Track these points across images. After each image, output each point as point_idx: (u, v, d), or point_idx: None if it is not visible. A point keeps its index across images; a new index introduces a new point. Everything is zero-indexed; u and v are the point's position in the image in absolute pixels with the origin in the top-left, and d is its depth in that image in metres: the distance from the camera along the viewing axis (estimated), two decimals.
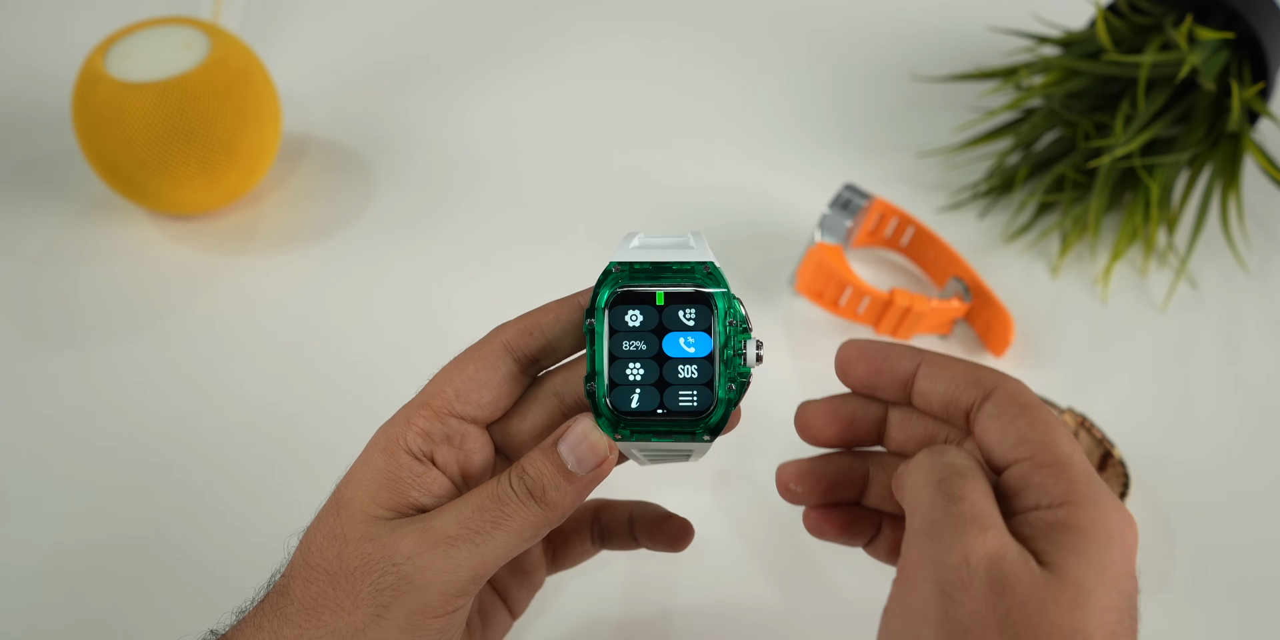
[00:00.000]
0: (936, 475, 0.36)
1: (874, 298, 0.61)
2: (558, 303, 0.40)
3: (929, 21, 0.83)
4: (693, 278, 0.38)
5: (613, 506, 0.47)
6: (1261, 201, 0.71)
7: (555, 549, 0.47)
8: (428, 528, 0.37)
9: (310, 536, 0.39)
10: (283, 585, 0.39)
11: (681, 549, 0.46)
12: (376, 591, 0.37)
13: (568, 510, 0.38)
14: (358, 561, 0.37)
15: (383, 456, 0.39)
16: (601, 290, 0.38)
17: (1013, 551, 0.34)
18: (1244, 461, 0.59)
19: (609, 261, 0.38)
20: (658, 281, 0.38)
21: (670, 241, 0.39)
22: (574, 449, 0.38)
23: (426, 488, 0.39)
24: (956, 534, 0.34)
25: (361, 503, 0.38)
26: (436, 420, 0.39)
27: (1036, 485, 0.36)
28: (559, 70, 0.79)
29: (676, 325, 0.38)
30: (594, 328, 0.38)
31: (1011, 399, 0.38)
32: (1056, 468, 0.36)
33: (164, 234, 0.68)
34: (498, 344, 0.40)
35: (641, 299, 0.38)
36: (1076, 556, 0.34)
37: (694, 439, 0.38)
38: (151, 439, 0.59)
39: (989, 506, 0.35)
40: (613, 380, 0.38)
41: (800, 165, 0.73)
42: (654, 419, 0.38)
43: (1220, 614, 0.53)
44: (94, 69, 0.62)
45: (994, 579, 0.34)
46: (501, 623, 0.45)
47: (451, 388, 0.39)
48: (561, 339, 0.40)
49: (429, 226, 0.69)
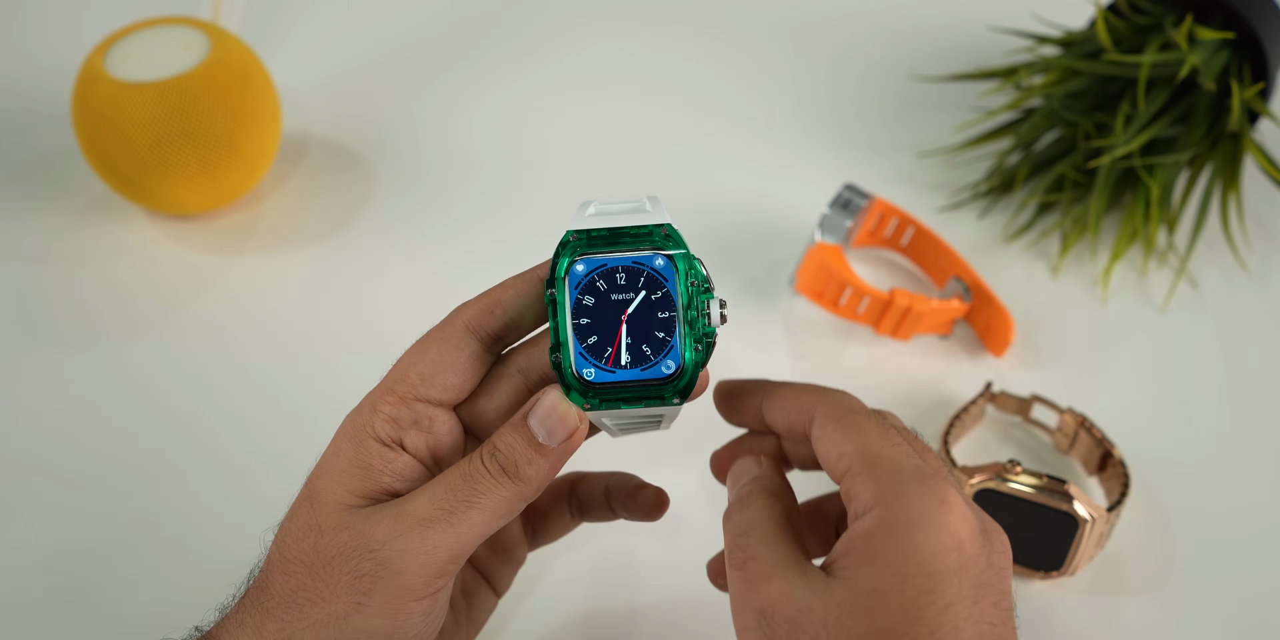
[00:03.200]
0: (728, 544, 0.38)
1: (874, 298, 0.61)
2: (516, 278, 0.40)
3: (929, 21, 0.83)
4: (651, 240, 0.38)
5: (589, 479, 0.47)
6: (1261, 201, 0.71)
7: (534, 524, 0.47)
8: (402, 511, 0.37)
9: (285, 529, 0.39)
10: (262, 580, 0.39)
11: (657, 518, 0.46)
12: (355, 579, 0.37)
13: (542, 484, 0.38)
14: (334, 551, 0.37)
15: (351, 445, 0.39)
16: (560, 259, 0.38)
17: (798, 588, 0.35)
18: (1244, 462, 0.59)
19: (565, 230, 0.38)
20: (616, 247, 0.38)
21: (626, 207, 0.39)
22: (544, 421, 0.38)
23: (398, 473, 0.39)
24: (748, 600, 0.36)
25: (334, 492, 0.38)
26: (403, 405, 0.39)
27: (855, 496, 0.37)
28: (559, 70, 0.79)
29: (635, 289, 0.38)
30: (555, 298, 0.38)
31: (828, 417, 0.39)
32: (865, 473, 0.36)
33: (164, 234, 0.68)
34: (459, 325, 0.40)
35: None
36: (869, 564, 0.35)
37: (664, 403, 0.38)
38: (151, 439, 0.59)
39: (772, 555, 0.37)
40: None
41: (800, 165, 0.73)
42: (621, 385, 0.38)
43: (1220, 614, 0.53)
44: (94, 69, 0.62)
45: (790, 619, 0.35)
46: (486, 602, 0.45)
47: (415, 372, 0.39)
48: (523, 315, 0.40)
49: (429, 226, 0.69)
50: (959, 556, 0.35)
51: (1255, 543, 0.56)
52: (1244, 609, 0.53)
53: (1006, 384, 0.61)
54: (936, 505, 0.35)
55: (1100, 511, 0.50)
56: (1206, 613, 0.53)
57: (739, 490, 0.40)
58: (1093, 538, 0.51)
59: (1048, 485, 0.50)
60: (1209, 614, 0.53)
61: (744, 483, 0.41)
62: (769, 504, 0.39)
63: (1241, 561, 0.55)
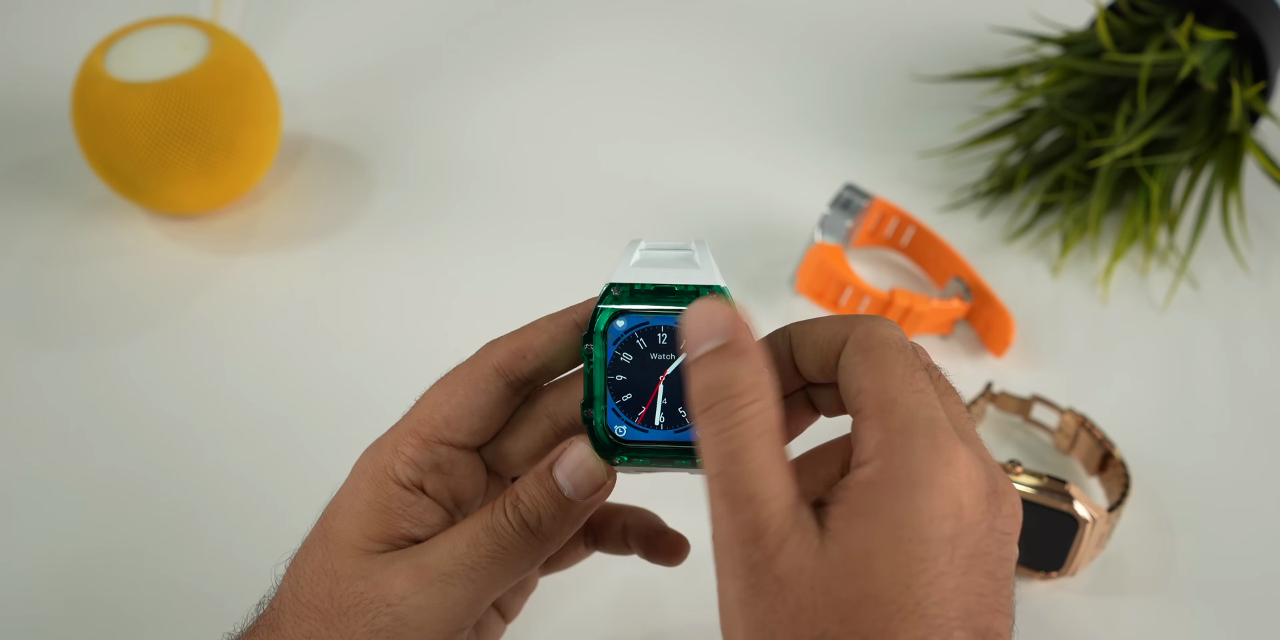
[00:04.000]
0: (714, 467, 0.33)
1: (874, 298, 0.60)
2: (550, 320, 0.39)
3: (929, 21, 0.82)
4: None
5: (606, 511, 0.46)
6: (1262, 201, 0.71)
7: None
8: (421, 564, 0.36)
9: (299, 569, 0.38)
10: (272, 620, 0.38)
11: (676, 564, 0.44)
12: (371, 633, 0.36)
13: (564, 538, 0.37)
14: (350, 601, 0.36)
15: (370, 486, 0.38)
16: (600, 313, 0.37)
17: (793, 543, 0.32)
18: (1245, 462, 0.59)
19: (607, 282, 0.37)
20: (660, 302, 0.37)
21: (674, 256, 0.38)
22: (570, 475, 0.37)
23: (417, 518, 0.38)
24: (742, 545, 0.32)
25: (350, 536, 0.37)
26: (425, 448, 0.38)
27: (861, 440, 0.33)
28: (559, 71, 0.79)
29: (677, 350, 0.37)
30: (592, 352, 0.37)
31: (857, 344, 0.35)
32: (876, 417, 0.33)
33: (163, 234, 0.68)
34: (489, 367, 0.38)
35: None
36: (864, 519, 0.32)
37: (693, 466, 0.37)
38: (150, 438, 0.58)
39: (773, 497, 0.32)
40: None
41: (800, 165, 0.73)
42: (653, 445, 0.37)
43: (1220, 614, 0.53)
44: (93, 69, 0.62)
45: (778, 577, 0.32)
46: (495, 629, 0.45)
47: (440, 414, 0.38)
48: (556, 360, 0.38)
49: (428, 226, 0.69)
50: (955, 524, 0.32)
51: (1256, 543, 0.55)
52: (1244, 609, 0.53)
53: (1007, 384, 0.61)
54: (942, 466, 0.32)
55: (1101, 512, 0.50)
56: (1207, 613, 0.53)
57: (732, 388, 0.33)
58: (1093, 538, 0.51)
59: (1048, 486, 0.50)
60: (1209, 614, 0.53)
61: (742, 383, 0.33)
62: (770, 418, 0.33)
63: (1242, 562, 0.55)
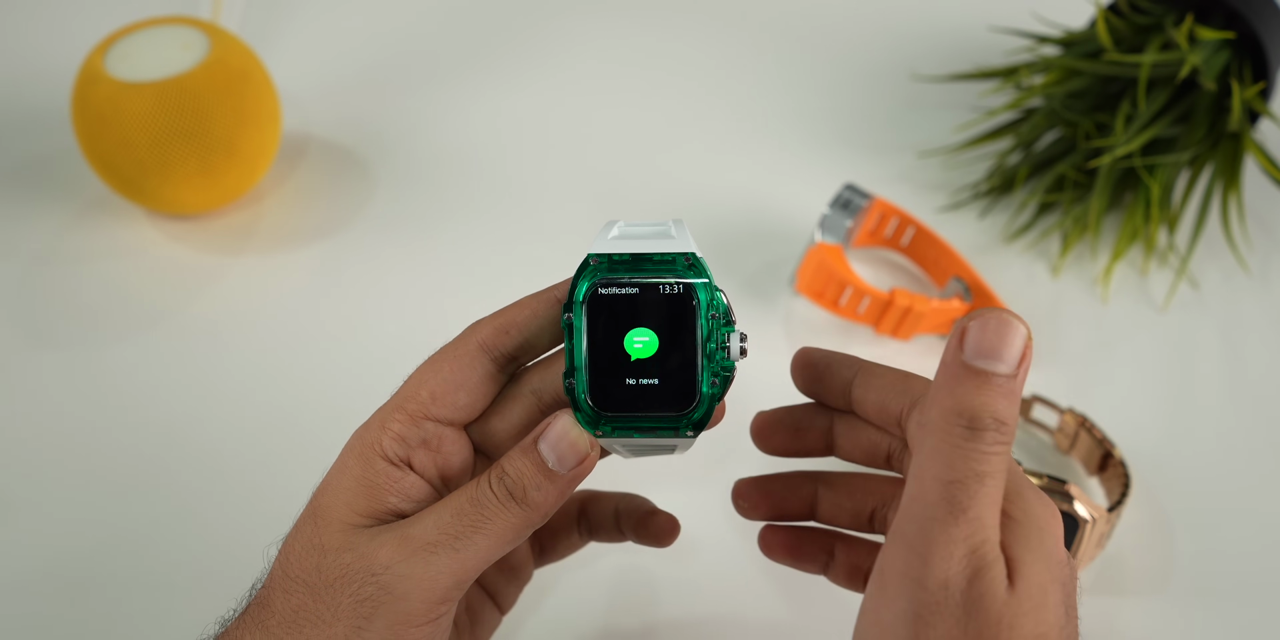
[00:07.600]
0: (950, 474, 0.33)
1: (874, 298, 0.60)
2: (533, 298, 0.39)
3: (929, 21, 0.82)
4: (674, 269, 0.37)
5: (599, 499, 0.46)
6: (1262, 201, 0.71)
7: (543, 542, 0.46)
8: (406, 535, 0.37)
9: (289, 546, 0.38)
10: (263, 596, 0.38)
11: (667, 545, 0.45)
12: (357, 603, 0.36)
13: (550, 510, 0.38)
14: (337, 572, 0.37)
15: (359, 463, 0.38)
16: (580, 283, 0.37)
17: (994, 569, 0.33)
18: (1245, 462, 0.59)
19: (587, 253, 0.38)
20: (637, 273, 0.37)
21: (650, 230, 0.38)
22: (554, 447, 0.37)
23: (405, 493, 0.38)
24: (945, 555, 0.33)
25: (339, 511, 0.38)
26: (412, 424, 0.38)
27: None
28: (559, 71, 0.79)
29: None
30: (572, 322, 0.37)
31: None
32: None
33: (163, 234, 0.68)
34: (473, 344, 0.39)
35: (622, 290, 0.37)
36: (1029, 553, 0.33)
37: (677, 434, 0.37)
38: (151, 439, 0.58)
39: (990, 521, 0.33)
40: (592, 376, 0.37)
41: (800, 165, 0.73)
42: (635, 415, 0.37)
43: (1220, 614, 0.53)
44: (93, 69, 0.62)
45: (970, 600, 0.32)
46: (490, 619, 0.45)
47: (427, 390, 0.38)
48: (539, 336, 0.39)
49: (429, 226, 0.69)
50: (1073, 570, 0.35)
51: (1256, 543, 0.55)
52: (1245, 609, 0.53)
53: None
54: (1052, 514, 0.35)
55: (1101, 512, 0.50)
56: (1207, 613, 0.53)
57: (1006, 424, 0.33)
58: (1093, 538, 0.51)
59: (1048, 485, 0.50)
60: (1210, 614, 0.53)
61: (1012, 422, 0.34)
62: (1002, 463, 0.33)
63: (1242, 562, 0.55)
